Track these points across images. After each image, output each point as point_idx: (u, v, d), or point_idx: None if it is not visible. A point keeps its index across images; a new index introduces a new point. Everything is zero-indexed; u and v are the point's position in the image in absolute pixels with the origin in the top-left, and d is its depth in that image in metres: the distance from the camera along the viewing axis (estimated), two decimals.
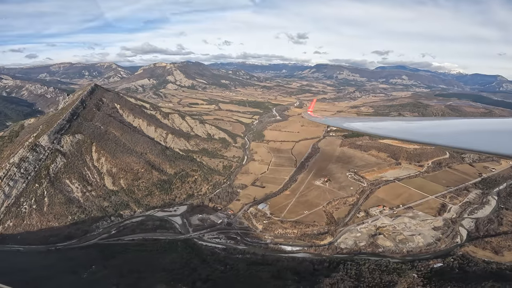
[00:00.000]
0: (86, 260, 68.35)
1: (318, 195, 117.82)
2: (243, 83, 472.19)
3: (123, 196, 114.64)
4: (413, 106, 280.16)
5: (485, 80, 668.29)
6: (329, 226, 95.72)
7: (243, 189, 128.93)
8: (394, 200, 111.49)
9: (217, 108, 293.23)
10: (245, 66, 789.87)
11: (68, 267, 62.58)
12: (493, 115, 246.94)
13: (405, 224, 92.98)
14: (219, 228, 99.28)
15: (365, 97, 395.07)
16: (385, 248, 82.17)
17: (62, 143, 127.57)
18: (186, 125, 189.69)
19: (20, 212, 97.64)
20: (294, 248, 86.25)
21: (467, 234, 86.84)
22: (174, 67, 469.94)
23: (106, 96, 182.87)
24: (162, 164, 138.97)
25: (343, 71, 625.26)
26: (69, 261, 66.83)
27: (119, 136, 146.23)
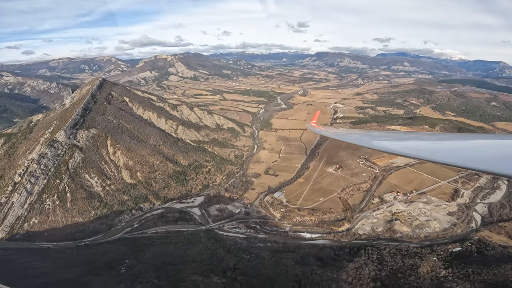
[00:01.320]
0: (117, 255, 70.93)
1: (332, 182, 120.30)
2: (245, 73, 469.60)
3: (141, 189, 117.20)
4: (418, 93, 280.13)
5: (488, 66, 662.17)
6: (346, 212, 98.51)
7: (256, 178, 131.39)
8: (406, 186, 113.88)
9: (221, 98, 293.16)
10: (245, 56, 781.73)
11: (104, 263, 65.09)
12: (498, 100, 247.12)
13: (420, 209, 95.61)
14: (237, 218, 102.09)
15: (368, 84, 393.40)
16: (402, 233, 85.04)
17: (78, 138, 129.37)
18: (195, 116, 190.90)
19: (44, 208, 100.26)
20: (313, 235, 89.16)
21: (481, 219, 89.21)
22: (175, 59, 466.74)
23: (115, 89, 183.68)
24: (175, 155, 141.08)
25: (344, 59, 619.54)
26: (102, 257, 69.33)
27: (132, 129, 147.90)
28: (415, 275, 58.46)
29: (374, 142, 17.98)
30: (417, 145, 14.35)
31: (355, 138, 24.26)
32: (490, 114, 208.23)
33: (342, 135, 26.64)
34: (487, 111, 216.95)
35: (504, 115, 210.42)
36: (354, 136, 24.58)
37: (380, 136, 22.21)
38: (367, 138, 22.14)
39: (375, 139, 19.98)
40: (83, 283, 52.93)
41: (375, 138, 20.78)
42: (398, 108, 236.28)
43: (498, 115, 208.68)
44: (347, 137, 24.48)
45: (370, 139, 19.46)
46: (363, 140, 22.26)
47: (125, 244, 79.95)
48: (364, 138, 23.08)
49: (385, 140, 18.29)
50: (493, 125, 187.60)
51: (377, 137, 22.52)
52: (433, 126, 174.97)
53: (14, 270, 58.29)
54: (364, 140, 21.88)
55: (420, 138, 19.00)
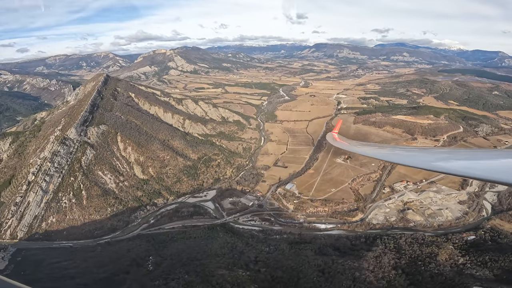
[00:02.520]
0: (141, 251, 72.42)
1: (342, 173, 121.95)
2: (244, 66, 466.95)
3: (154, 184, 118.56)
4: (420, 83, 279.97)
5: (487, 56, 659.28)
6: (358, 202, 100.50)
7: (266, 170, 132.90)
8: (416, 175, 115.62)
9: (224, 91, 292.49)
10: (243, 48, 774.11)
11: (130, 260, 66.64)
12: (499, 89, 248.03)
13: (431, 198, 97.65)
14: (251, 211, 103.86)
15: (368, 74, 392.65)
16: (416, 222, 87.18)
17: (88, 135, 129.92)
18: (200, 110, 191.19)
19: (61, 207, 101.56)
20: (328, 226, 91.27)
21: (492, 208, 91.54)
22: (174, 53, 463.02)
23: (120, 85, 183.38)
24: (185, 150, 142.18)
25: (343, 50, 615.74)
26: (127, 254, 70.79)
27: (140, 125, 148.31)
28: (434, 263, 60.59)
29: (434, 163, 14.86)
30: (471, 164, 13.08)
31: (377, 152, 19.25)
32: (493, 103, 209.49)
33: (376, 153, 21.30)
34: (490, 100, 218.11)
35: (506, 104, 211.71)
36: (394, 154, 18.63)
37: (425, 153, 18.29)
38: (389, 152, 18.20)
39: (402, 151, 16.52)
40: (118, 282, 54.34)
41: (403, 151, 17.16)
42: (401, 98, 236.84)
43: (500, 104, 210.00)
44: (383, 155, 18.52)
45: (394, 153, 16.20)
46: (387, 155, 18.05)
47: (145, 240, 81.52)
48: (387, 152, 18.57)
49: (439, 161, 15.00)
50: (496, 114, 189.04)
51: (403, 150, 18.97)
52: (438, 116, 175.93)
53: (48, 271, 59.74)
54: (388, 154, 17.38)
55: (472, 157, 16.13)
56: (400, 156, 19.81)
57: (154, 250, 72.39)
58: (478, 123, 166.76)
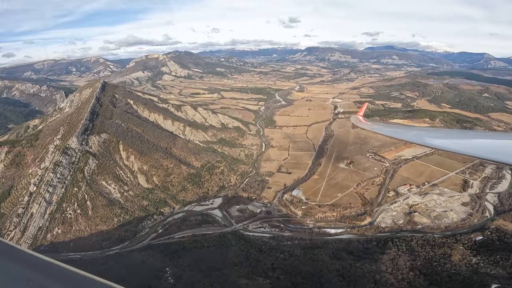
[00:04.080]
0: (156, 263, 71.65)
1: (346, 177, 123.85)
2: (238, 70, 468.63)
3: (159, 193, 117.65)
4: (412, 86, 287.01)
5: (473, 58, 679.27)
6: (365, 207, 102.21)
7: (270, 176, 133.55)
8: (418, 178, 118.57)
9: (220, 96, 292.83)
10: (235, 53, 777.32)
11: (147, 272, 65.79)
12: (489, 91, 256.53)
13: (435, 201, 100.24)
14: (260, 218, 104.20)
15: (361, 78, 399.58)
16: (423, 224, 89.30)
17: (89, 144, 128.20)
18: (200, 116, 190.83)
19: (66, 218, 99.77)
20: (338, 230, 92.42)
21: (494, 208, 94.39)
22: (167, 58, 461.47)
23: (117, 92, 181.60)
24: (187, 157, 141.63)
25: (334, 53, 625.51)
26: (143, 266, 70.02)
27: (141, 133, 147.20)
28: (450, 263, 62.50)
29: (426, 139, 17.33)
30: (480, 144, 13.74)
31: (400, 132, 22.75)
32: (484, 105, 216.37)
33: (394, 131, 24.99)
34: (481, 102, 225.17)
35: (497, 106, 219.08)
36: (409, 133, 22.11)
37: (431, 133, 20.69)
38: (412, 133, 20.61)
39: (424, 135, 18.72)
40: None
41: (427, 134, 19.05)
42: (396, 102, 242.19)
43: (491, 106, 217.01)
44: (400, 134, 22.43)
45: (428, 137, 17.90)
46: (407, 135, 21.00)
47: (158, 251, 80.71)
48: (408, 132, 21.88)
49: (437, 139, 17.29)
50: (488, 116, 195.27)
51: (427, 132, 20.94)
52: (433, 119, 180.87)
53: None
54: (408, 134, 20.44)
55: (481, 136, 18.11)
56: (404, 133, 23.11)
57: (169, 261, 71.84)
58: (472, 125, 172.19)
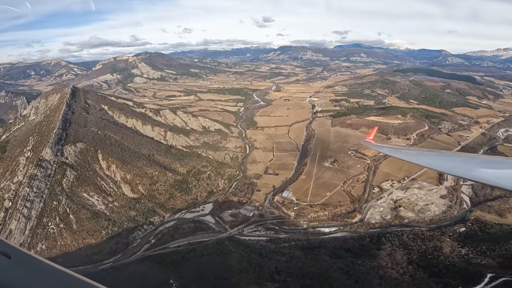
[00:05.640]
0: (157, 275, 69.09)
1: (332, 176, 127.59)
2: (213, 71, 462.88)
3: (146, 203, 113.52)
4: (382, 83, 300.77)
5: (432, 55, 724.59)
6: (354, 204, 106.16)
7: (258, 178, 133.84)
8: (398, 173, 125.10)
9: (197, 99, 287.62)
10: (208, 53, 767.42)
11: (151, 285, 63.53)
12: (451, 87, 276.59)
13: (416, 195, 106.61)
14: (253, 221, 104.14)
15: (334, 76, 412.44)
16: (409, 218, 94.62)
17: (65, 154, 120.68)
18: (180, 120, 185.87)
19: (49, 233, 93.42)
20: (332, 229, 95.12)
21: (470, 200, 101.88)
22: (138, 59, 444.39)
23: (90, 97, 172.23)
24: (172, 164, 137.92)
25: (306, 52, 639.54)
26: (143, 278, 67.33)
27: (121, 140, 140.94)
28: (443, 255, 66.95)
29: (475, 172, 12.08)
30: None
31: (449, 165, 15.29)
32: (448, 101, 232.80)
33: (416, 155, 20.66)
34: (445, 98, 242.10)
35: (459, 101, 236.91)
36: (424, 156, 17.69)
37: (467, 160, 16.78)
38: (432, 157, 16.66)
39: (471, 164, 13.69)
40: None
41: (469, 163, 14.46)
42: (369, 99, 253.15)
43: (454, 101, 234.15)
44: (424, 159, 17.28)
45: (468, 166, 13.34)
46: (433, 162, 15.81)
47: (155, 262, 78.00)
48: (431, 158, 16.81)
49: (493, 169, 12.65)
50: (452, 111, 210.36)
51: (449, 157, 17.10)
52: (405, 115, 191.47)
53: None
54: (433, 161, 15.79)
55: None
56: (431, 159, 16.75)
57: (171, 272, 69.76)
58: (440, 120, 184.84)
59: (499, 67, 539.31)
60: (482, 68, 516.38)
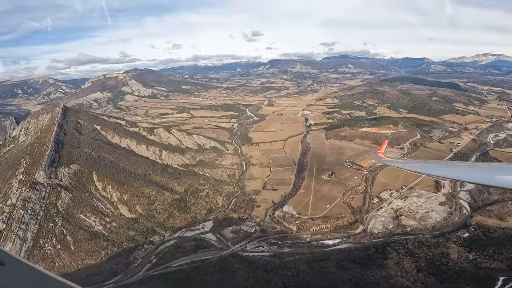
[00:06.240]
0: None
1: (331, 189, 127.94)
2: (204, 87, 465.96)
3: (145, 222, 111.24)
4: (371, 94, 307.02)
5: (415, 63, 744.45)
6: (355, 215, 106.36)
7: (257, 194, 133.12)
8: (395, 183, 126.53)
9: (190, 116, 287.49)
10: (198, 68, 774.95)
11: None
12: (437, 95, 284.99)
13: (416, 203, 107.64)
14: (255, 237, 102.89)
15: (324, 88, 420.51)
16: (412, 226, 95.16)
17: (59, 176, 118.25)
18: (174, 139, 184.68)
19: (46, 254, 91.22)
20: (335, 241, 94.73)
21: (469, 205, 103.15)
22: (128, 76, 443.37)
23: (81, 117, 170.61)
24: (169, 183, 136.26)
25: (296, 65, 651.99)
26: None
27: (115, 161, 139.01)
28: (451, 261, 67.18)
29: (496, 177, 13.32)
30: None
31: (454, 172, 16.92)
32: (436, 109, 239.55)
33: (427, 167, 21.37)
34: (432, 106, 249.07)
35: (447, 108, 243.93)
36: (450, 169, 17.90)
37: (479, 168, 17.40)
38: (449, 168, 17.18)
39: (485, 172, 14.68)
40: None
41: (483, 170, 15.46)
42: (360, 110, 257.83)
43: (442, 109, 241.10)
44: (437, 171, 18.80)
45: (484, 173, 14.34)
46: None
47: (160, 282, 75.97)
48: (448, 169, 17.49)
49: None
50: (441, 118, 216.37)
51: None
52: (396, 125, 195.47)
53: None
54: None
55: None
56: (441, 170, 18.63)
57: None
58: (430, 128, 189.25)
59: (480, 72, 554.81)
60: (464, 74, 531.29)
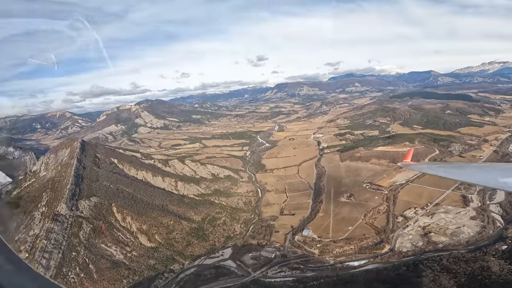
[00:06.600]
0: None
1: (351, 210, 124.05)
2: (214, 115, 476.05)
3: (164, 251, 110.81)
4: (382, 111, 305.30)
5: (422, 77, 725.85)
6: (379, 235, 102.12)
7: (275, 220, 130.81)
8: (419, 201, 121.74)
9: (202, 146, 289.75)
10: (207, 97, 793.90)
11: None
12: (450, 108, 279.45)
13: (444, 219, 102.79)
14: (276, 262, 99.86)
15: (333, 109, 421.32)
16: (444, 243, 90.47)
17: (80, 208, 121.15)
18: (189, 169, 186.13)
19: (70, 282, 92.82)
20: (361, 262, 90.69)
21: (502, 218, 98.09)
22: (140, 108, 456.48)
23: (99, 151, 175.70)
24: (186, 212, 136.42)
25: (303, 87, 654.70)
26: None
27: (133, 192, 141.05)
28: (494, 275, 62.71)
29: None
30: None
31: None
32: (451, 122, 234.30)
33: (453, 172, 21.16)
34: (447, 119, 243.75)
35: (462, 121, 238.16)
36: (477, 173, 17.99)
37: None
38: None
39: None
40: None
41: None
42: (372, 129, 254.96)
43: (457, 122, 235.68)
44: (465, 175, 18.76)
45: None
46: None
47: None
48: None
49: None
50: (458, 132, 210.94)
51: None
52: (412, 142, 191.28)
53: None
54: None
55: None
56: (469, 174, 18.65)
57: None
58: (448, 143, 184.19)
59: (490, 81, 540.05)
60: (473, 84, 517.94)
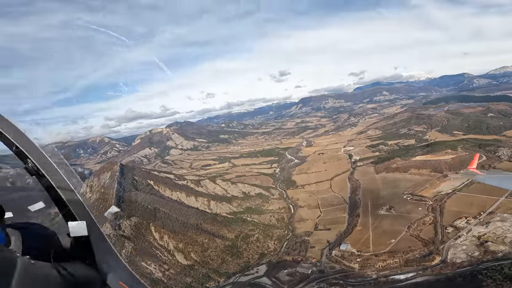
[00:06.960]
0: None
1: (392, 223, 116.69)
2: (241, 134, 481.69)
3: (200, 269, 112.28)
4: (416, 119, 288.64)
5: (455, 80, 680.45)
6: (427, 247, 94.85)
7: (309, 236, 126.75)
8: (469, 210, 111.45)
9: (231, 165, 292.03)
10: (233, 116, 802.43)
11: None
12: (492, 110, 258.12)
13: (501, 228, 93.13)
14: (313, 278, 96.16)
15: (362, 120, 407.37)
16: (503, 252, 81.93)
17: (122, 228, 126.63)
18: (220, 189, 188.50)
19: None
20: (408, 275, 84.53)
21: None
22: (171, 130, 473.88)
23: (136, 174, 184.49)
24: (220, 230, 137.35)
25: (328, 100, 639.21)
26: None
27: (169, 212, 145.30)
28: None
29: None
30: None
31: None
32: (496, 126, 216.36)
33: None
34: (490, 123, 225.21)
35: (507, 123, 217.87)
36: None
37: None
38: None
39: None
40: None
41: None
42: (408, 139, 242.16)
43: (501, 125, 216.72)
44: None
45: None
46: None
47: None
48: None
49: None
50: (504, 135, 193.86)
51: None
52: (455, 149, 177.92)
53: None
54: None
55: None
56: None
57: None
58: (495, 148, 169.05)
59: None
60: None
